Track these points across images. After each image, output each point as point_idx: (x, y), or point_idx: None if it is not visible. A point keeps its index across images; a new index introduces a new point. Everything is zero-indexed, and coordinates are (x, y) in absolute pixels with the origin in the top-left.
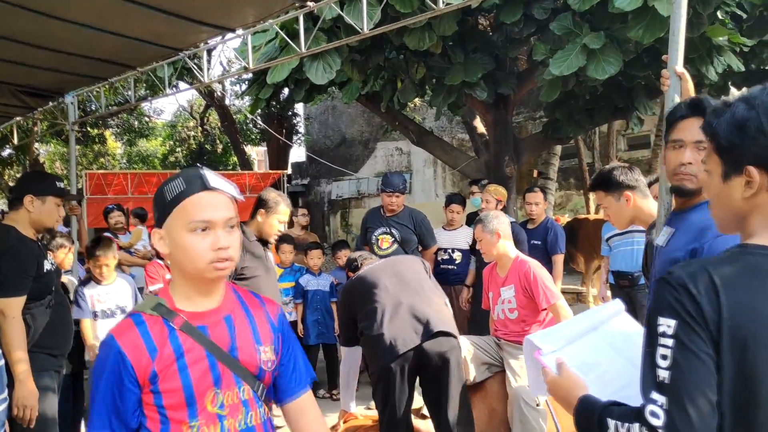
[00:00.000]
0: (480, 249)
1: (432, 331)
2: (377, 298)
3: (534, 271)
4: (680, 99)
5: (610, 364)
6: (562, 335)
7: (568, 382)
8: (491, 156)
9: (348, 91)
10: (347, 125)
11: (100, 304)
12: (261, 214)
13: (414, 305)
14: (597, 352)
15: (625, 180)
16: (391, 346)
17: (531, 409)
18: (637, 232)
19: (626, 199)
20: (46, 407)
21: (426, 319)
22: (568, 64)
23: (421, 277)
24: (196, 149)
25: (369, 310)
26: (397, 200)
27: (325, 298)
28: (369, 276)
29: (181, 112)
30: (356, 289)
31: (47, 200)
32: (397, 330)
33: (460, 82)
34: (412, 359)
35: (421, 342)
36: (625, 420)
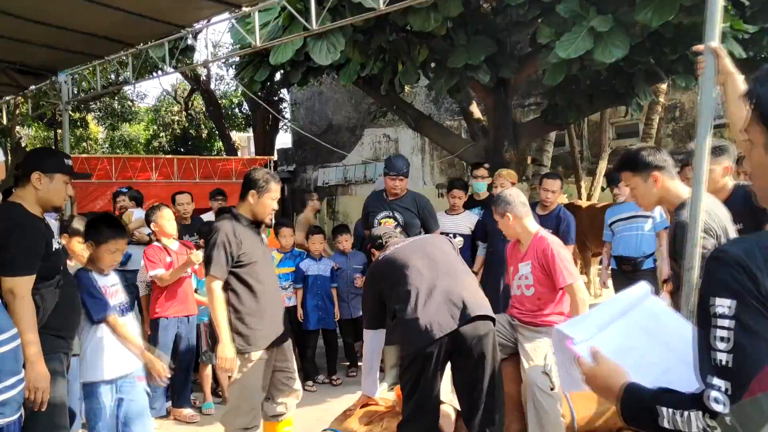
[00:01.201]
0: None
1: (469, 316)
2: (410, 280)
3: (553, 248)
4: (717, 76)
5: (645, 348)
6: (593, 322)
7: (607, 370)
8: (490, 141)
9: (346, 73)
10: (334, 111)
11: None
12: (252, 195)
13: (449, 288)
14: (630, 337)
15: (654, 160)
16: (426, 330)
17: (545, 394)
18: (641, 217)
19: (654, 180)
20: (55, 391)
21: (462, 303)
22: (575, 47)
23: (452, 259)
24: (180, 134)
25: (402, 292)
26: (400, 183)
27: (325, 283)
28: (399, 256)
29: (164, 97)
30: (386, 269)
31: (55, 178)
32: (433, 314)
33: (462, 64)
34: (448, 344)
35: (457, 326)
36: (682, 407)
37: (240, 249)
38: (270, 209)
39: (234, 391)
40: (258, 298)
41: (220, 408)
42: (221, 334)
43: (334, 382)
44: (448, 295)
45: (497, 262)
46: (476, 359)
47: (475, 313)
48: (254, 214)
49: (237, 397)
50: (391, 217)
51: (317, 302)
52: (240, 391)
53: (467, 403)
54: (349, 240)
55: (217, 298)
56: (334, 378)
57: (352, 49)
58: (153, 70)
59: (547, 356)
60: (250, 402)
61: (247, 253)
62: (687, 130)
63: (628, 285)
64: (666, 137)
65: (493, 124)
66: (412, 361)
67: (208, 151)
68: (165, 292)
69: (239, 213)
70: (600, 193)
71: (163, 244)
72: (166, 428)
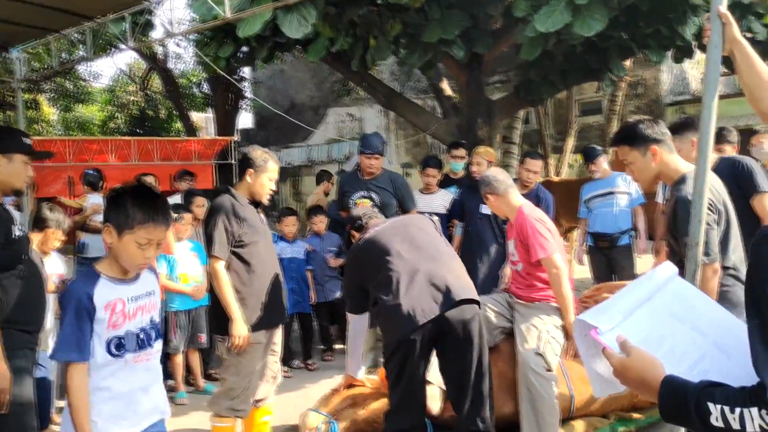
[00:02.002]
0: None
1: (453, 300)
2: (391, 265)
3: (529, 221)
4: (724, 44)
5: (676, 336)
6: (617, 309)
7: (640, 361)
8: (463, 118)
9: (315, 48)
10: (296, 90)
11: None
12: (250, 174)
13: (432, 272)
14: (659, 324)
15: (652, 134)
16: (409, 316)
17: (539, 376)
18: (617, 193)
19: (653, 154)
20: (22, 390)
21: (446, 287)
22: (553, 21)
23: (435, 240)
24: (137, 115)
25: (383, 278)
26: (376, 162)
27: (300, 266)
28: (379, 240)
29: (120, 76)
30: (366, 254)
31: (14, 158)
32: (416, 299)
33: (437, 39)
34: (432, 329)
35: (442, 312)
36: (734, 404)
37: (241, 228)
38: (268, 189)
39: (230, 373)
40: (259, 279)
41: (192, 397)
42: (232, 312)
43: (310, 366)
44: (431, 279)
45: (475, 242)
46: (462, 344)
47: (459, 297)
48: (252, 194)
49: (232, 381)
50: (367, 197)
51: (292, 286)
52: (236, 374)
53: (455, 390)
54: (323, 221)
55: (223, 277)
56: (310, 362)
57: (322, 23)
58: (109, 48)
59: (541, 335)
60: (244, 386)
61: (249, 232)
62: (650, 107)
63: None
64: (630, 114)
65: (466, 101)
66: (396, 349)
67: (167, 132)
68: None
69: (237, 193)
70: (567, 170)
71: None
72: None
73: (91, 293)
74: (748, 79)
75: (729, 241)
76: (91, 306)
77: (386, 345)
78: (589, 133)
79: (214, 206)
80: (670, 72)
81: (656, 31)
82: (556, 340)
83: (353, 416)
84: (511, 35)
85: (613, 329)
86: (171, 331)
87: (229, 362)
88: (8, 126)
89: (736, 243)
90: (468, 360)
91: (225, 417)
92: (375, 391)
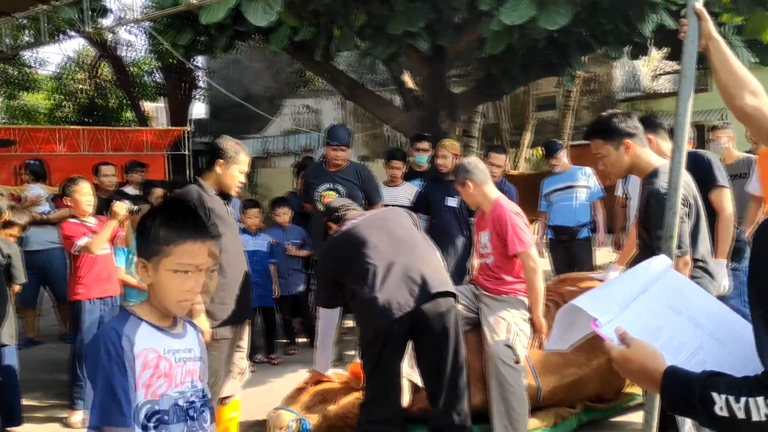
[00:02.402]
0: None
1: (429, 293)
2: (368, 258)
3: (508, 215)
4: (700, 40)
5: (674, 327)
6: (614, 300)
7: (641, 353)
8: (426, 111)
9: (277, 38)
10: (252, 81)
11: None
12: (220, 165)
13: (408, 265)
14: (656, 316)
15: (625, 127)
16: (384, 309)
17: (509, 367)
18: (578, 187)
19: (626, 148)
20: None
21: (422, 279)
22: (519, 14)
23: (413, 234)
24: (86, 104)
25: (360, 271)
26: (342, 154)
27: (263, 259)
28: (357, 233)
29: (68, 64)
30: (343, 247)
31: None
32: (391, 292)
33: (402, 31)
34: (408, 323)
35: (417, 304)
36: (739, 393)
37: (209, 220)
38: (237, 181)
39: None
40: (225, 273)
41: None
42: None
43: (273, 361)
44: (407, 271)
45: (441, 234)
46: (438, 337)
47: (435, 289)
48: (221, 186)
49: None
50: (333, 189)
51: (256, 279)
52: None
53: (431, 383)
54: (287, 213)
55: None
56: (273, 357)
57: (286, 12)
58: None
59: (510, 327)
60: (210, 383)
61: (216, 224)
62: (603, 103)
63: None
64: (583, 109)
65: (429, 94)
66: (372, 341)
67: (117, 121)
68: (88, 271)
69: (205, 184)
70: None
71: (80, 220)
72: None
73: (131, 337)
74: (723, 75)
75: (698, 233)
76: (130, 354)
77: (362, 337)
78: (544, 128)
79: (181, 195)
80: (623, 69)
81: (615, 28)
82: (524, 332)
83: (324, 412)
84: (475, 29)
85: (612, 321)
86: None
87: None
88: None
89: (704, 235)
90: (444, 353)
91: None
92: (345, 386)
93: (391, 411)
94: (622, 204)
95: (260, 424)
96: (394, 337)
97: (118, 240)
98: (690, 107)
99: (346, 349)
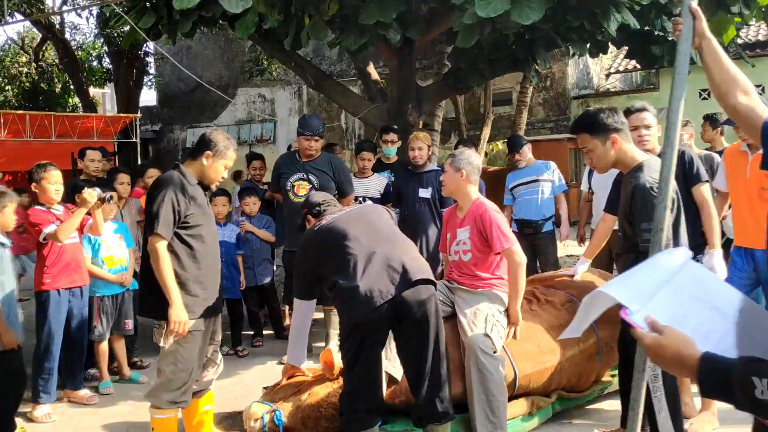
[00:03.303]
0: (442, 180)
1: (411, 280)
2: (349, 249)
3: (490, 214)
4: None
5: (700, 316)
6: (641, 289)
7: (675, 340)
8: (393, 104)
9: (243, 24)
10: (204, 68)
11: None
12: (207, 157)
13: (389, 254)
14: (681, 305)
15: (612, 122)
16: (366, 298)
17: (489, 356)
18: (543, 181)
19: (613, 142)
20: None
21: (402, 267)
22: (493, 7)
23: (392, 227)
24: (29, 88)
25: (341, 262)
26: (315, 144)
27: (230, 250)
28: (337, 226)
29: (10, 46)
30: (321, 239)
31: None
32: (373, 281)
33: (374, 21)
34: (389, 311)
35: (398, 292)
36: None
37: (189, 208)
38: (221, 176)
39: (168, 363)
40: (200, 264)
41: (118, 387)
42: (172, 295)
43: (240, 353)
44: (387, 260)
45: (414, 225)
46: (419, 324)
47: (416, 277)
48: (203, 177)
49: (171, 371)
50: (305, 179)
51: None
52: (174, 364)
53: (413, 372)
54: (256, 203)
55: (164, 258)
56: (240, 349)
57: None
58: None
59: (488, 318)
60: (184, 376)
61: (195, 213)
62: (557, 100)
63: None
64: (537, 105)
65: (397, 86)
66: (353, 330)
67: (62, 107)
68: (55, 261)
69: (186, 171)
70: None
71: (47, 207)
72: (61, 412)
73: None
74: (716, 73)
75: (679, 226)
76: None
77: (344, 327)
78: (500, 123)
79: (162, 180)
80: (576, 67)
81: (581, 26)
82: (501, 324)
83: (297, 402)
84: (445, 22)
85: (641, 310)
86: (95, 317)
87: (167, 351)
88: None
89: (683, 228)
90: (425, 340)
91: (165, 409)
92: (318, 377)
93: (373, 400)
94: (587, 198)
95: (231, 416)
96: (376, 325)
97: (86, 229)
98: (682, 105)
99: (315, 340)
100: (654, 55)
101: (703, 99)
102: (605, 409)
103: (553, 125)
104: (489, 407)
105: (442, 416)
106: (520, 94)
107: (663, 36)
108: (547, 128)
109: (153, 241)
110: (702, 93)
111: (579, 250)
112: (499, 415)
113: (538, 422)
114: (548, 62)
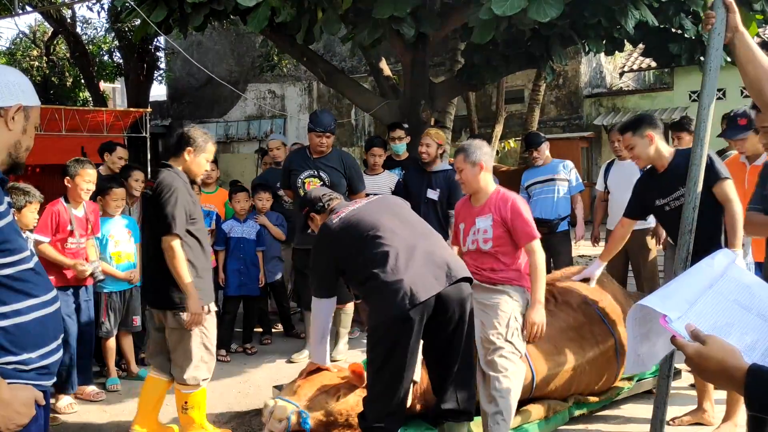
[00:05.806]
0: (459, 180)
1: (455, 277)
2: (385, 240)
3: (519, 205)
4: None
5: (744, 324)
6: (682, 297)
7: (718, 350)
8: (406, 100)
9: (255, 18)
10: (214, 64)
11: None
12: (189, 153)
13: (429, 249)
14: (724, 312)
15: (651, 121)
16: (411, 293)
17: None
18: (559, 180)
19: (649, 139)
20: None
21: (445, 264)
22: (510, 4)
23: (423, 222)
24: (40, 82)
25: (376, 254)
26: (326, 141)
27: (250, 247)
28: (363, 218)
29: (21, 39)
30: (345, 233)
31: None
32: (417, 275)
33: (388, 16)
34: (431, 307)
35: (443, 288)
36: None
37: (194, 207)
38: (204, 170)
39: (194, 345)
40: (205, 254)
41: (125, 383)
42: (190, 290)
43: (249, 350)
44: (430, 256)
45: None
46: (457, 322)
47: (459, 274)
48: (188, 172)
49: (201, 352)
50: (315, 176)
51: (239, 267)
52: (203, 344)
53: (440, 370)
54: (269, 199)
55: (180, 255)
56: (248, 346)
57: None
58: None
59: (510, 322)
60: (211, 353)
61: (196, 210)
62: (569, 98)
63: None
64: (550, 104)
65: (410, 82)
66: (390, 328)
67: (73, 101)
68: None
69: (179, 170)
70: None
71: (70, 206)
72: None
73: None
74: (751, 68)
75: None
76: None
77: (376, 325)
78: (512, 121)
79: (168, 183)
80: (589, 65)
81: (598, 23)
82: (520, 324)
83: (327, 407)
84: (460, 17)
85: (681, 318)
86: (103, 313)
87: (190, 334)
88: None
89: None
90: (459, 338)
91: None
92: (346, 383)
93: (397, 407)
94: (602, 198)
95: (240, 415)
96: (416, 323)
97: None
98: (714, 100)
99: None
100: (671, 53)
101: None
102: (623, 416)
103: (566, 124)
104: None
105: (463, 414)
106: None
107: (681, 33)
108: (559, 126)
109: (170, 239)
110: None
111: (591, 249)
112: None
113: (555, 426)
114: (564, 59)
